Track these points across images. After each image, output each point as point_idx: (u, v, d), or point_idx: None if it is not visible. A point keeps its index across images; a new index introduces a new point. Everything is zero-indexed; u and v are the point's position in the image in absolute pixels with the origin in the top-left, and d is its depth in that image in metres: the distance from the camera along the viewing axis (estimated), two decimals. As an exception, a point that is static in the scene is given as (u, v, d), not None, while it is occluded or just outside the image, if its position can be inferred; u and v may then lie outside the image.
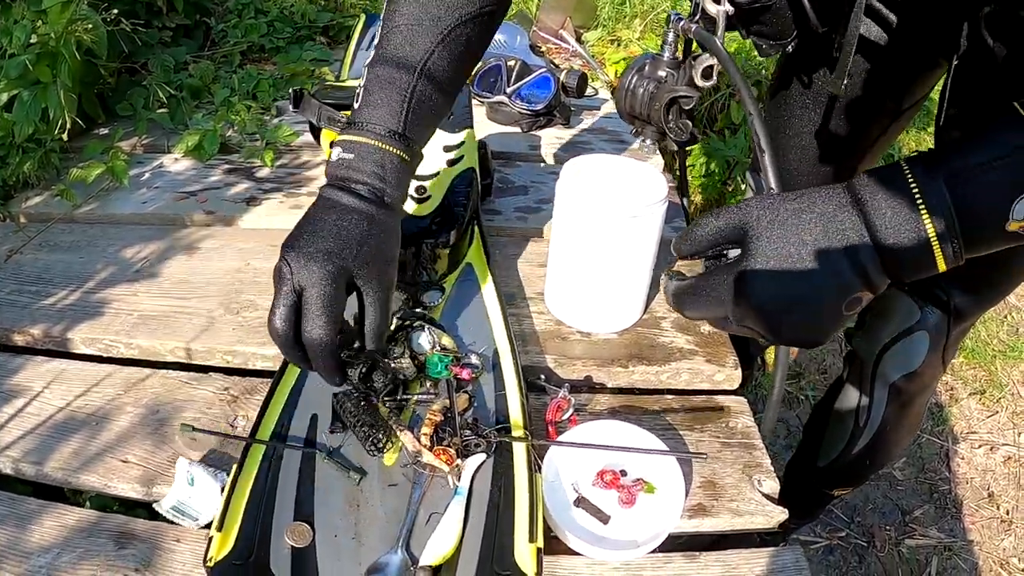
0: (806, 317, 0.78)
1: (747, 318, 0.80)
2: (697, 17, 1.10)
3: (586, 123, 2.14)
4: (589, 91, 2.19)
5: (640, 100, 1.19)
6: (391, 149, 0.99)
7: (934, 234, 0.73)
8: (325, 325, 0.92)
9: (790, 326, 0.78)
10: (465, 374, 1.12)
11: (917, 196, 0.73)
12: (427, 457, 0.99)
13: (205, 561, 0.89)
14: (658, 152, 1.89)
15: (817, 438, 1.67)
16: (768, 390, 1.21)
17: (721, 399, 1.23)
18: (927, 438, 2.46)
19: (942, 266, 0.75)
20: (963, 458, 2.43)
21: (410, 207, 1.37)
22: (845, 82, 1.10)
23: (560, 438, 1.06)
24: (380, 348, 1.00)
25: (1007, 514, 2.24)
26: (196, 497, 0.98)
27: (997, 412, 2.57)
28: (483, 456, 1.00)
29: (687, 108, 1.16)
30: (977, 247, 0.75)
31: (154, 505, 1.00)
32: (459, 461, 1.00)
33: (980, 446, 2.46)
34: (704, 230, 0.83)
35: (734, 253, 0.83)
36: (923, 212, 0.73)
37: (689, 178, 2.57)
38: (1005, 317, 2.88)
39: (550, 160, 1.94)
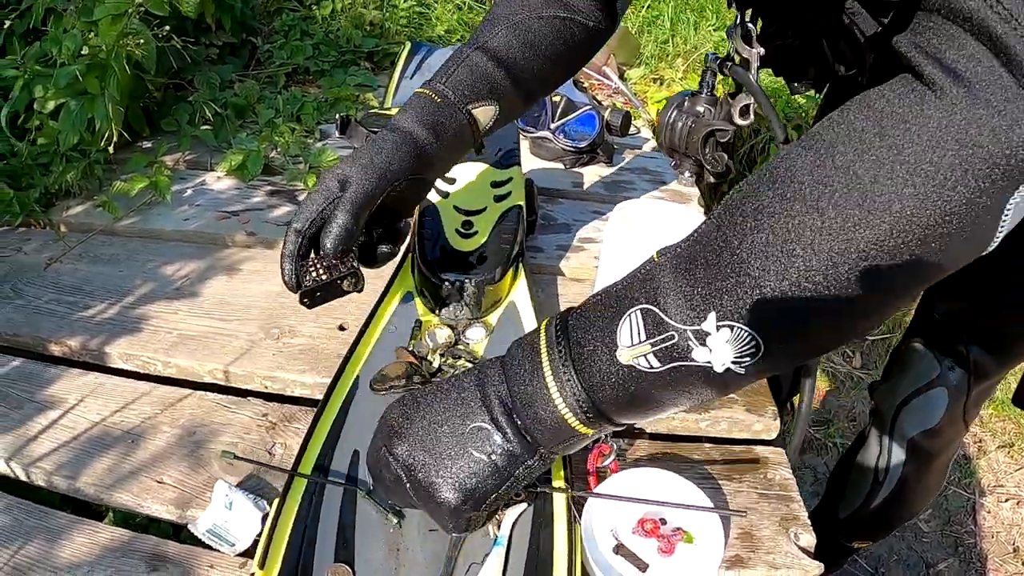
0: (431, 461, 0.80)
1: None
2: (732, 57, 1.15)
3: (628, 161, 2.14)
4: (632, 130, 2.19)
5: (679, 134, 1.24)
6: (425, 92, 1.12)
7: (566, 411, 0.74)
8: (306, 206, 1.03)
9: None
10: None
11: (549, 381, 0.74)
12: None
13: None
14: (695, 186, 1.90)
15: (840, 489, 1.66)
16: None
17: (759, 450, 1.21)
18: (953, 490, 2.44)
19: (586, 431, 0.76)
20: (989, 512, 2.41)
21: (456, 243, 1.37)
22: None
23: (601, 485, 1.05)
24: (336, 240, 1.03)
25: (1033, 572, 2.22)
26: (233, 522, 0.97)
27: (1026, 467, 2.54)
28: (524, 506, 0.99)
29: (723, 141, 1.21)
30: (606, 396, 0.73)
31: (189, 526, 0.99)
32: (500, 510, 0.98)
33: (1007, 500, 2.44)
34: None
35: None
36: (555, 397, 0.74)
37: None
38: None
39: (592, 198, 1.93)
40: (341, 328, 1.36)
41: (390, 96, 2.31)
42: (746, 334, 0.64)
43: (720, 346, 0.64)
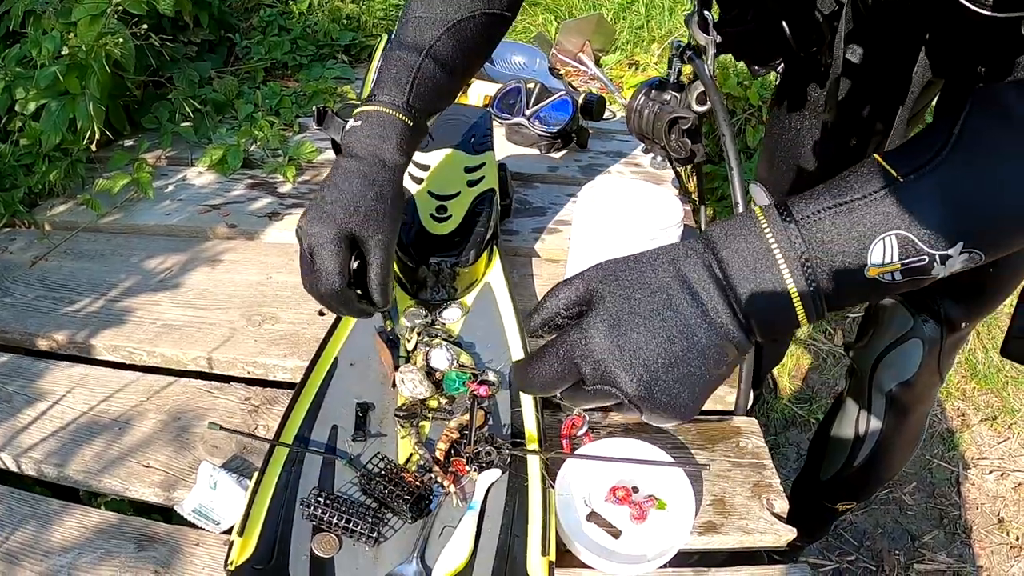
0: (675, 382, 0.71)
1: (608, 374, 0.71)
2: (692, 44, 1.18)
3: (603, 146, 2.17)
4: (607, 114, 2.22)
5: (646, 120, 1.27)
6: (394, 114, 1.11)
7: (795, 290, 0.71)
8: (328, 277, 1.02)
9: (662, 389, 0.71)
10: (482, 390, 1.14)
11: (775, 251, 0.72)
12: (437, 474, 1.02)
13: (226, 565, 0.91)
14: (669, 167, 1.93)
15: (820, 454, 1.70)
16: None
17: (734, 420, 1.24)
18: (937, 463, 2.47)
19: (804, 322, 0.73)
20: (974, 484, 2.43)
21: (431, 226, 1.41)
22: (831, 104, 1.20)
23: (574, 453, 1.08)
24: (384, 299, 1.07)
25: (1017, 540, 2.25)
26: (218, 501, 1.00)
27: (1008, 438, 2.57)
28: (498, 472, 1.02)
29: (685, 128, 1.23)
30: (840, 299, 0.73)
31: (175, 507, 1.02)
32: (473, 474, 1.02)
33: (991, 472, 2.47)
34: (551, 301, 0.77)
35: None
36: (783, 269, 0.71)
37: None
38: (1018, 345, 2.88)
39: (567, 181, 1.97)
40: (320, 314, 1.39)
41: (367, 88, 2.33)
42: (978, 255, 0.72)
43: (956, 264, 0.72)
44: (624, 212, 1.29)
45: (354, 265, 1.05)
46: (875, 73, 1.31)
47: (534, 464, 1.04)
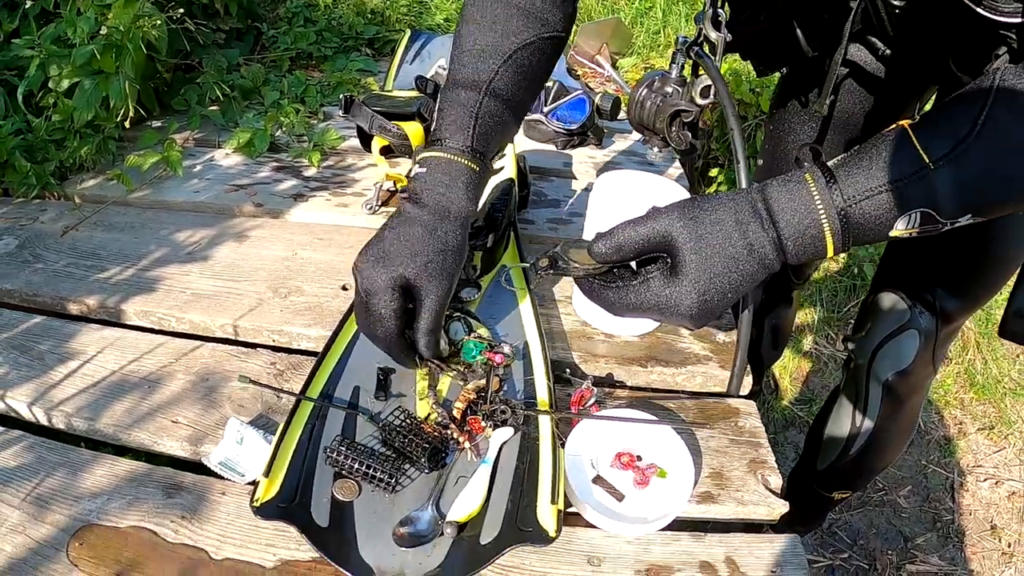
0: (725, 305, 0.93)
1: (683, 319, 0.94)
2: (700, 40, 1.23)
3: (617, 144, 2.23)
4: (621, 115, 2.26)
5: (648, 112, 1.31)
6: (461, 160, 1.09)
7: (830, 236, 0.89)
8: (381, 324, 1.05)
9: (712, 314, 0.94)
10: (498, 358, 1.19)
11: (821, 211, 0.89)
12: (453, 431, 1.08)
13: (252, 502, 0.97)
14: (661, 159, 1.98)
15: (817, 444, 1.75)
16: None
17: (732, 401, 1.30)
18: (933, 469, 2.51)
19: (831, 252, 0.91)
20: (968, 490, 2.48)
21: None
22: (828, 102, 1.28)
23: (582, 422, 1.14)
24: (429, 349, 1.09)
25: (1008, 547, 2.29)
26: (244, 455, 1.06)
27: (1004, 448, 2.62)
28: (510, 431, 1.09)
29: (687, 121, 1.27)
30: (862, 243, 0.92)
31: (202, 459, 1.08)
32: (488, 431, 1.09)
33: (986, 479, 2.51)
34: (629, 238, 0.93)
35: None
36: (824, 223, 0.89)
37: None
38: (1017, 356, 2.93)
39: (581, 177, 2.03)
40: (344, 288, 1.45)
41: (390, 80, 2.39)
42: (980, 219, 0.89)
43: (959, 224, 0.89)
44: (637, 201, 1.34)
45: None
46: (882, 75, 1.36)
47: (545, 425, 1.10)
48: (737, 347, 1.24)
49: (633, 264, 0.97)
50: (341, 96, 1.81)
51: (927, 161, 0.85)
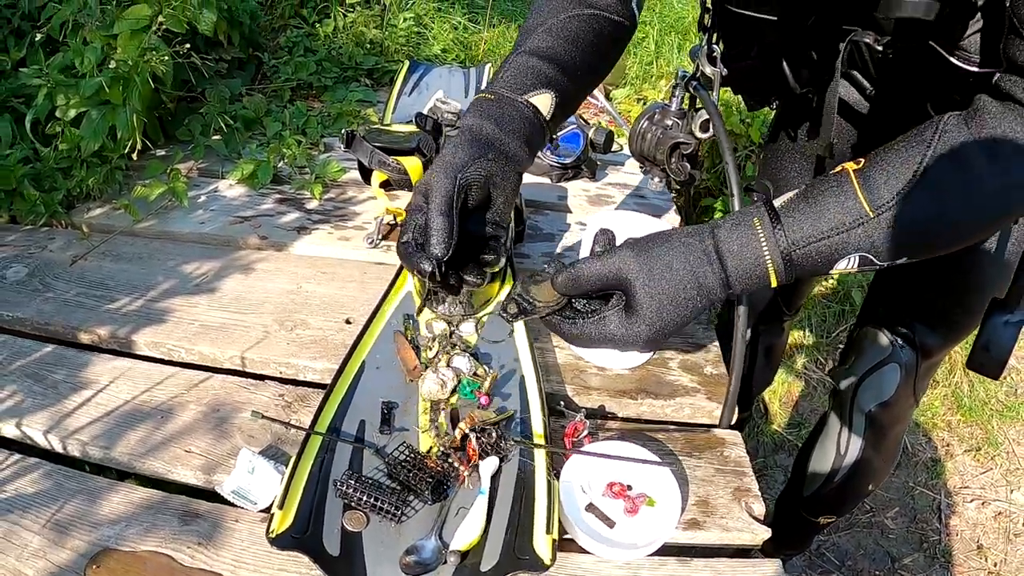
0: (673, 334, 1.01)
1: (636, 348, 1.02)
2: (697, 75, 1.28)
3: (611, 177, 2.28)
4: (615, 147, 2.32)
5: (648, 144, 1.37)
6: (480, 95, 1.13)
7: (773, 274, 0.98)
8: (404, 233, 1.06)
9: (661, 343, 1.07)
10: (483, 400, 1.27)
11: (766, 254, 0.97)
12: (455, 459, 1.15)
13: (268, 533, 1.02)
14: (667, 190, 2.03)
15: (803, 471, 1.81)
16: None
17: (719, 432, 1.36)
18: (920, 490, 2.55)
19: (774, 283, 0.99)
20: (955, 511, 2.51)
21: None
22: (825, 145, 1.30)
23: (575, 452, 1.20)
24: (440, 252, 1.02)
25: (995, 567, 2.33)
26: (256, 484, 1.11)
27: (991, 469, 2.66)
28: (496, 460, 1.15)
29: (686, 153, 1.33)
30: (805, 277, 1.07)
31: (216, 487, 1.13)
32: (480, 462, 1.15)
33: (972, 500, 2.55)
34: (586, 274, 1.00)
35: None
36: (768, 264, 0.97)
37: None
38: (1004, 378, 2.97)
39: (576, 210, 2.07)
40: (348, 322, 1.51)
41: (389, 112, 2.44)
42: (915, 260, 0.98)
43: (895, 264, 0.97)
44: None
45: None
46: (867, 112, 1.42)
47: (540, 458, 1.16)
48: (729, 382, 1.29)
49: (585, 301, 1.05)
50: (343, 131, 1.85)
51: (868, 211, 0.94)
